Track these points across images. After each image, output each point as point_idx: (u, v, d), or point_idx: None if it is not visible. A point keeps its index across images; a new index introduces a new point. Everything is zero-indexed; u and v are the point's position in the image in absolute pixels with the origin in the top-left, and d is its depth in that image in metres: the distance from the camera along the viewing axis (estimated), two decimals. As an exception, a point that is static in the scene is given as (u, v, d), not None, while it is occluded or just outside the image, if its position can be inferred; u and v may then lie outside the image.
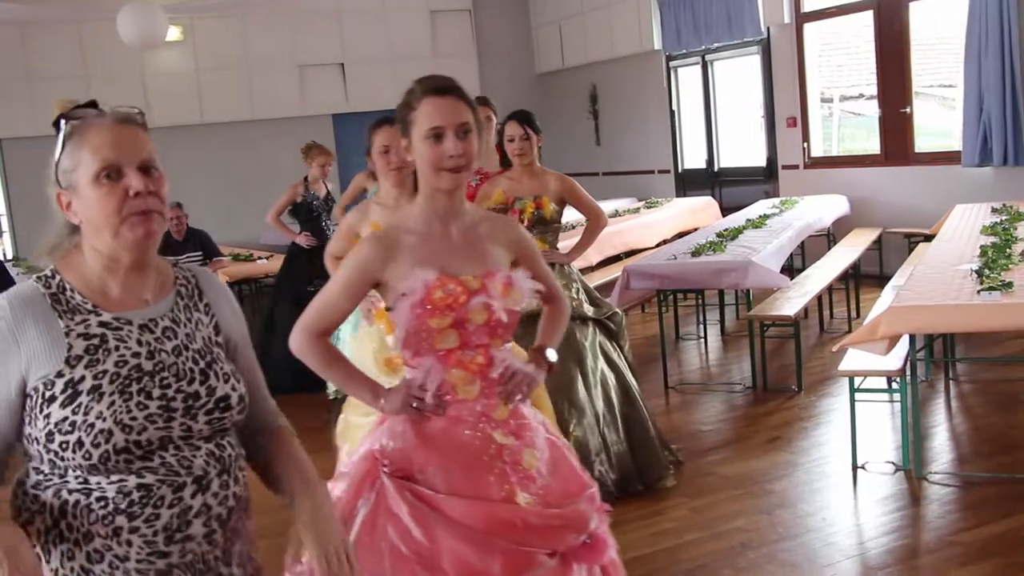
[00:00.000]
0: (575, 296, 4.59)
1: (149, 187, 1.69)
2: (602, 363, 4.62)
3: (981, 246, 5.22)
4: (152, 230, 1.69)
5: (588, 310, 4.64)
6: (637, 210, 10.32)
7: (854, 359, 4.66)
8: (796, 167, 10.29)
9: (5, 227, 11.92)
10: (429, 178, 2.31)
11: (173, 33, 11.40)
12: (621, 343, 4.77)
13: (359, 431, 2.97)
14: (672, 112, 11.83)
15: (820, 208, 8.78)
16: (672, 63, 11.69)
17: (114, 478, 1.66)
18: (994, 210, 6.84)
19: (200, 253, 8.31)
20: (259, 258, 9.08)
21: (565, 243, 5.06)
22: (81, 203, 1.69)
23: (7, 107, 11.31)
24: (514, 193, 4.59)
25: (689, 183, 11.74)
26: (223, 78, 12.21)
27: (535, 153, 4.67)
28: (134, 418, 1.65)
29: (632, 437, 4.56)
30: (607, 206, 10.89)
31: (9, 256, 11.15)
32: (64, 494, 1.67)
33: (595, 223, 4.81)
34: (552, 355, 2.50)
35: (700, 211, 10.26)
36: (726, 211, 10.08)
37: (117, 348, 1.69)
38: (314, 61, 12.62)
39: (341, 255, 5.68)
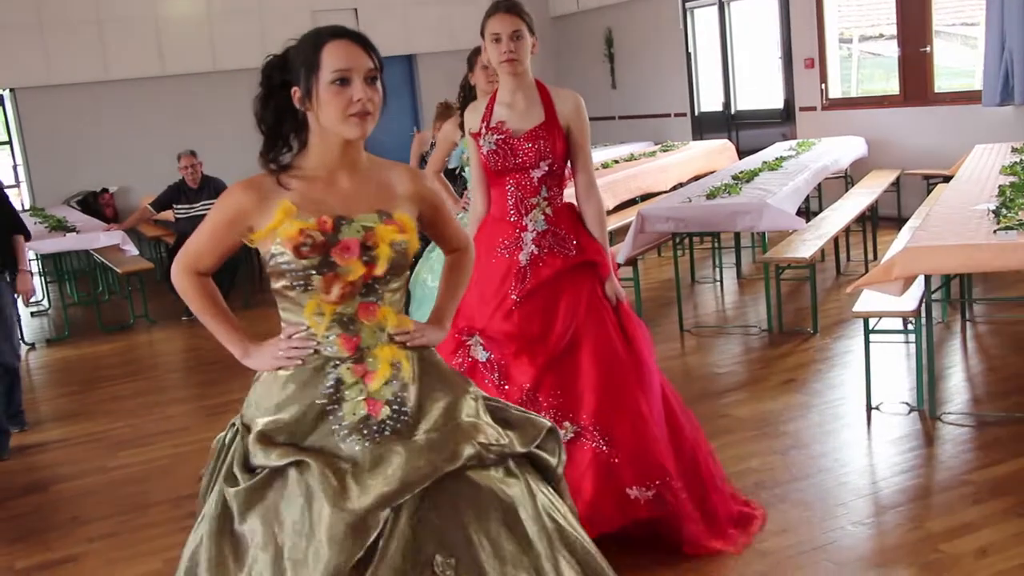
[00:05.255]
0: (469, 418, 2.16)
1: None
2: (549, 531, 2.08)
3: (999, 186, 5.18)
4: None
5: (514, 444, 2.15)
6: (653, 153, 10.27)
7: (869, 300, 4.65)
8: (814, 109, 10.19)
9: (22, 177, 11.96)
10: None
11: (184, -21, 11.33)
12: (555, 484, 2.22)
13: None
14: (688, 54, 11.70)
15: (838, 150, 8.71)
16: (688, 4, 11.53)
17: None
18: (1014, 149, 6.76)
19: (215, 201, 8.33)
20: (275, 205, 9.06)
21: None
22: None
23: (20, 56, 11.28)
24: (327, 209, 2.11)
25: (706, 126, 11.65)
26: (236, 24, 12.12)
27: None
28: None
29: None
30: (623, 150, 10.86)
31: (26, 206, 11.20)
32: None
33: (462, 257, 2.45)
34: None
35: (716, 154, 10.20)
36: (743, 154, 10.03)
37: None
38: (328, 6, 12.50)
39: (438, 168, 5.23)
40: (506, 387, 3.29)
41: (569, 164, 3.47)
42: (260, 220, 2.11)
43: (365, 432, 2.07)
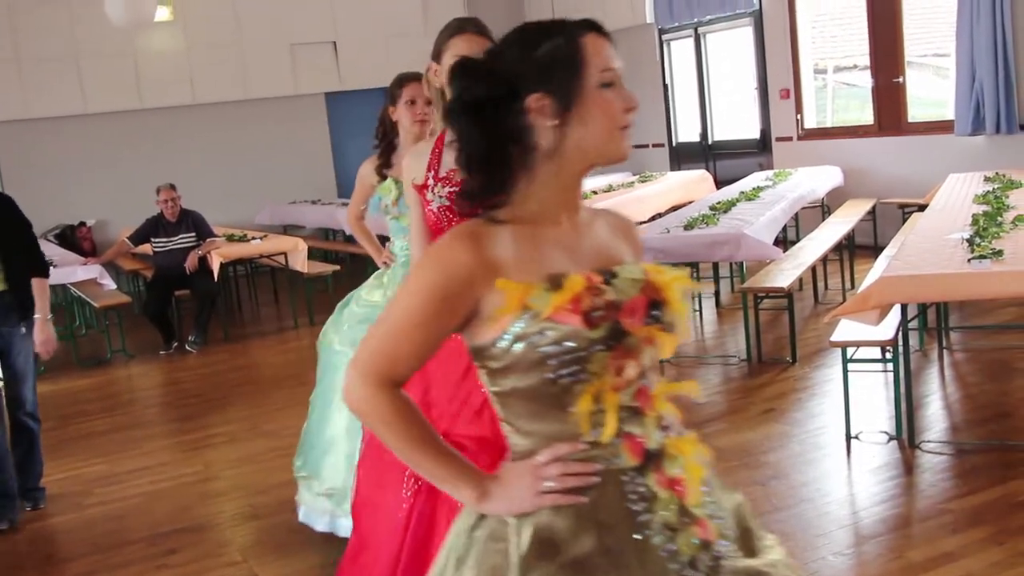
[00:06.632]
0: None
1: None
2: None
3: (973, 215, 5.23)
4: None
5: None
6: (631, 184, 10.33)
7: (847, 330, 4.67)
8: (790, 139, 10.28)
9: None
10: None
11: (163, 13, 11.34)
12: None
13: None
14: (665, 86, 11.80)
15: (814, 179, 8.78)
16: (665, 36, 11.64)
17: None
18: (986, 179, 6.84)
19: (193, 234, 8.31)
20: (253, 238, 9.06)
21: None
22: None
23: (-3, 90, 11.26)
24: (571, 263, 1.55)
25: (683, 156, 11.73)
26: (215, 58, 12.13)
27: None
28: None
29: None
30: (601, 180, 10.91)
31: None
32: None
33: None
34: None
35: (694, 184, 10.27)
36: (720, 184, 10.09)
37: None
38: (306, 40, 12.55)
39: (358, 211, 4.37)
40: None
41: None
42: (490, 290, 1.42)
43: (711, 565, 1.51)
